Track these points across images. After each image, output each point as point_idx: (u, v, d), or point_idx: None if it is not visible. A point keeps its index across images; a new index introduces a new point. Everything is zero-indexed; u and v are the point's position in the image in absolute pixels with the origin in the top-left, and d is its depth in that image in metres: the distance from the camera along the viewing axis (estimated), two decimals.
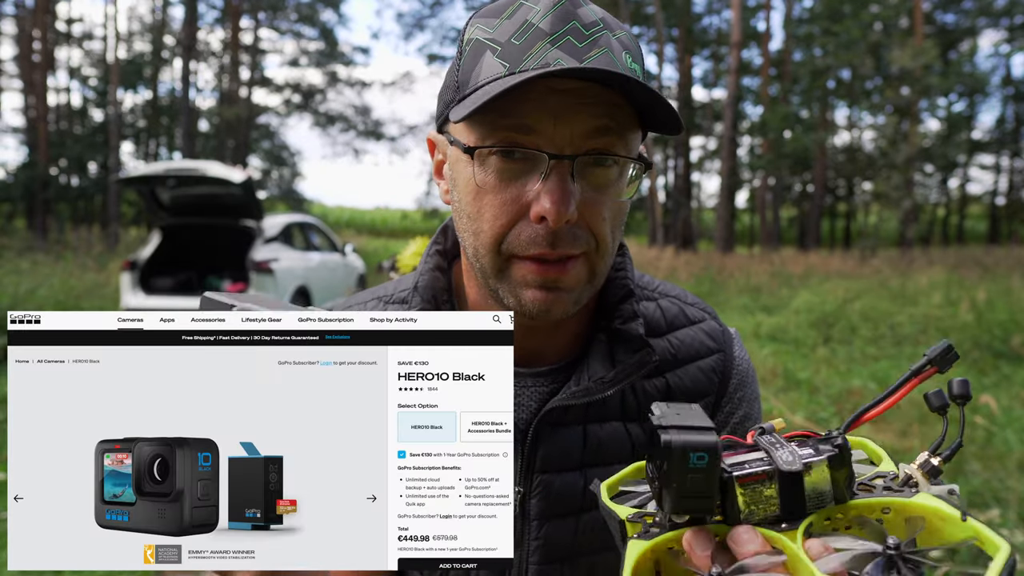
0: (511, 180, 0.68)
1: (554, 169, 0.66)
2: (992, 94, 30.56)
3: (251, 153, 29.69)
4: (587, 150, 0.67)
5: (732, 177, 21.86)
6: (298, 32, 31.66)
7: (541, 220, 0.67)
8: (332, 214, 42.97)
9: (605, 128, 0.67)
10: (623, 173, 0.71)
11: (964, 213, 35.88)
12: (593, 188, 0.69)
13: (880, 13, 22.16)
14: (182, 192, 7.55)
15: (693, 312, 0.87)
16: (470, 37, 0.70)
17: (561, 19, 0.66)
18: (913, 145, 19.18)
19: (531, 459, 0.79)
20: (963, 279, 10.33)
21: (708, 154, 34.74)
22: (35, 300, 7.70)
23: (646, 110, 0.69)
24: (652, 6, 27.17)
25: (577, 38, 0.66)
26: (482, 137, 0.68)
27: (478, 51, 0.68)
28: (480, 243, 0.72)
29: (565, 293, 0.71)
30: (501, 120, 0.67)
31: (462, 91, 0.69)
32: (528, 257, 0.69)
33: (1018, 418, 4.69)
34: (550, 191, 0.66)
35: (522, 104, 0.66)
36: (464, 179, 0.71)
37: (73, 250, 15.03)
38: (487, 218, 0.70)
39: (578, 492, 0.79)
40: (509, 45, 0.66)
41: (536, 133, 0.66)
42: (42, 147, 22.55)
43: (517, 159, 0.68)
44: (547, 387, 0.82)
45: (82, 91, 30.45)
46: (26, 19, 24.24)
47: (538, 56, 0.65)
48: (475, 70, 0.68)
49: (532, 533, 0.80)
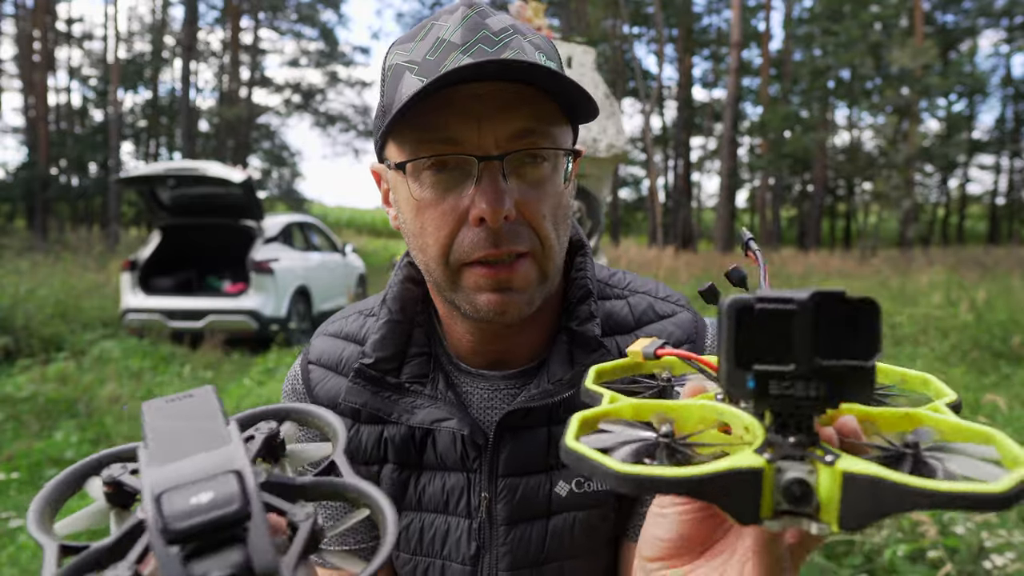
0: (447, 191, 0.70)
1: (485, 171, 0.68)
2: (992, 94, 30.58)
3: (251, 153, 29.68)
4: (515, 149, 0.69)
5: (732, 177, 21.86)
6: (298, 32, 31.69)
7: (480, 222, 0.69)
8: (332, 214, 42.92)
9: (529, 129, 0.69)
10: (556, 167, 0.73)
11: (964, 213, 35.86)
12: (528, 185, 0.71)
13: (880, 13, 22.16)
14: (182, 192, 7.54)
15: (662, 307, 0.86)
16: (390, 64, 0.73)
17: (471, 30, 0.68)
18: (913, 145, 19.19)
19: (495, 463, 0.80)
20: (963, 279, 10.33)
21: (708, 154, 34.75)
22: (35, 300, 7.71)
23: (567, 101, 0.71)
24: (652, 6, 27.18)
25: (488, 44, 0.68)
26: (412, 153, 0.70)
27: (398, 73, 0.71)
28: (429, 257, 0.73)
29: (517, 294, 0.72)
30: (426, 134, 0.69)
31: (388, 114, 0.71)
32: (475, 262, 0.71)
33: (1018, 418, 4.69)
34: (484, 192, 0.68)
35: (445, 115, 0.68)
36: (404, 198, 0.73)
37: (73, 250, 15.03)
38: (430, 231, 0.72)
39: (545, 495, 0.79)
40: (425, 62, 0.68)
41: (462, 141, 0.68)
42: (42, 147, 22.56)
43: (449, 170, 0.70)
44: (516, 389, 0.82)
45: (82, 91, 30.48)
46: (26, 19, 24.24)
47: (451, 66, 0.66)
48: (397, 91, 0.70)
49: (500, 538, 0.80)
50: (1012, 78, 30.69)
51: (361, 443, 0.83)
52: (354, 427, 0.84)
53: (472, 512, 0.81)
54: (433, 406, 0.80)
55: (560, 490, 0.79)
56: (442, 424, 0.78)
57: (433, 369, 0.83)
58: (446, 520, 0.82)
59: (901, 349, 7.30)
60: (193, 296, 7.65)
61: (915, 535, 2.75)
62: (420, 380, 0.82)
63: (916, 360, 6.71)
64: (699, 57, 33.72)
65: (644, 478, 0.32)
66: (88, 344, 7.04)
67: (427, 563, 0.83)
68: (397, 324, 0.83)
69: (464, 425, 0.78)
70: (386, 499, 0.33)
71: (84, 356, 6.65)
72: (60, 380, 5.69)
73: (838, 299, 0.32)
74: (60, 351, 6.80)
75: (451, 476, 0.81)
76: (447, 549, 0.82)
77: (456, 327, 0.82)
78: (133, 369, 6.34)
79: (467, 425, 0.78)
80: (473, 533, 0.81)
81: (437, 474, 0.82)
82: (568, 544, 0.80)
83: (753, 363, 0.34)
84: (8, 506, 3.65)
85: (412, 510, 0.83)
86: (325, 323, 0.93)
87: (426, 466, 0.82)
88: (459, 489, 0.81)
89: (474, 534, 0.81)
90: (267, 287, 7.38)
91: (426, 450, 0.82)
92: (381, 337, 0.82)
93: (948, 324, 7.48)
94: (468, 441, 0.79)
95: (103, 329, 7.73)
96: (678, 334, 0.83)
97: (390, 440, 0.82)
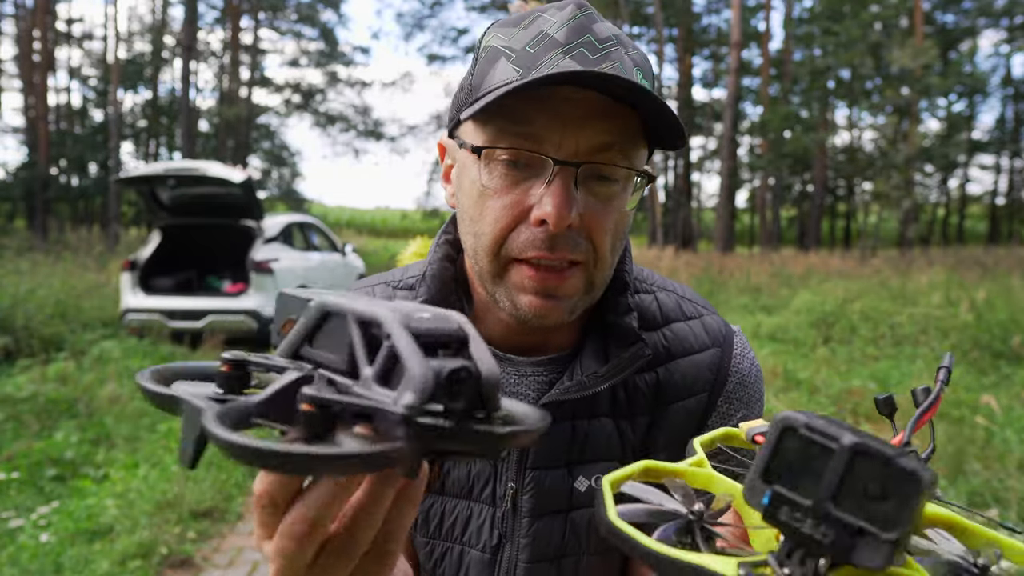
0: (515, 185, 0.69)
1: (558, 175, 0.67)
2: (992, 94, 30.59)
3: (251, 153, 29.68)
4: (593, 160, 0.68)
5: (732, 177, 21.85)
6: (298, 32, 31.68)
7: (542, 224, 0.68)
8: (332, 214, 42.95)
9: (610, 144, 0.69)
10: (626, 187, 0.72)
11: (964, 213, 35.86)
12: (596, 199, 0.70)
13: (880, 13, 22.16)
14: (182, 192, 7.54)
15: (690, 307, 0.86)
16: (487, 44, 0.72)
17: (576, 32, 0.68)
18: (913, 145, 19.18)
19: (524, 454, 0.79)
20: (963, 279, 10.32)
21: (708, 154, 34.73)
22: (35, 300, 7.70)
23: (653, 125, 0.70)
24: (652, 6, 27.16)
25: (590, 50, 0.67)
26: (492, 140, 0.69)
27: (493, 57, 0.70)
28: (480, 245, 0.72)
29: (561, 301, 0.72)
30: (511, 126, 0.68)
31: (475, 94, 0.70)
32: (526, 261, 0.70)
33: (1018, 418, 4.68)
34: (553, 194, 0.67)
35: (533, 110, 0.67)
36: (469, 181, 0.72)
37: (73, 250, 15.02)
38: (488, 220, 0.71)
39: (566, 490, 0.79)
40: (523, 52, 0.68)
41: (544, 141, 0.68)
42: (42, 147, 22.55)
43: (523, 166, 0.69)
44: (545, 376, 0.82)
45: (82, 91, 30.47)
46: (26, 19, 24.23)
47: (550, 64, 0.66)
48: (489, 75, 0.69)
49: (522, 530, 0.80)
50: (1012, 78, 30.70)
51: None
52: None
53: (497, 501, 0.80)
54: None
55: (580, 485, 0.79)
56: None
57: None
58: (469, 506, 0.81)
59: (901, 349, 7.30)
60: (193, 296, 7.64)
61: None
62: None
63: (916, 360, 6.71)
64: (699, 57, 33.71)
65: (689, 566, 0.31)
66: (88, 344, 7.03)
67: (445, 547, 0.83)
68: (434, 304, 0.82)
69: None
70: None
71: (84, 356, 6.64)
72: (60, 380, 5.69)
73: (881, 459, 0.30)
74: (60, 351, 6.79)
75: (477, 462, 0.81)
76: (468, 535, 0.82)
77: (490, 314, 0.81)
78: (133, 369, 6.33)
79: None
80: (496, 522, 0.80)
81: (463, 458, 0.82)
82: (585, 540, 0.80)
83: (775, 482, 0.32)
84: (8, 506, 3.65)
85: (435, 493, 0.83)
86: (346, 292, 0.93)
87: None
88: (485, 476, 0.81)
89: (497, 523, 0.80)
90: (267, 287, 7.38)
91: None
92: None
93: (948, 324, 7.48)
94: None
95: (103, 329, 7.72)
96: (705, 338, 0.83)
97: None
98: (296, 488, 0.40)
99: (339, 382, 0.36)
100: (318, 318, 0.40)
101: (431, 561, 0.84)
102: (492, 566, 0.81)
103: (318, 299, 0.40)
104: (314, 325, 0.40)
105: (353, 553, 0.41)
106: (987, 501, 3.42)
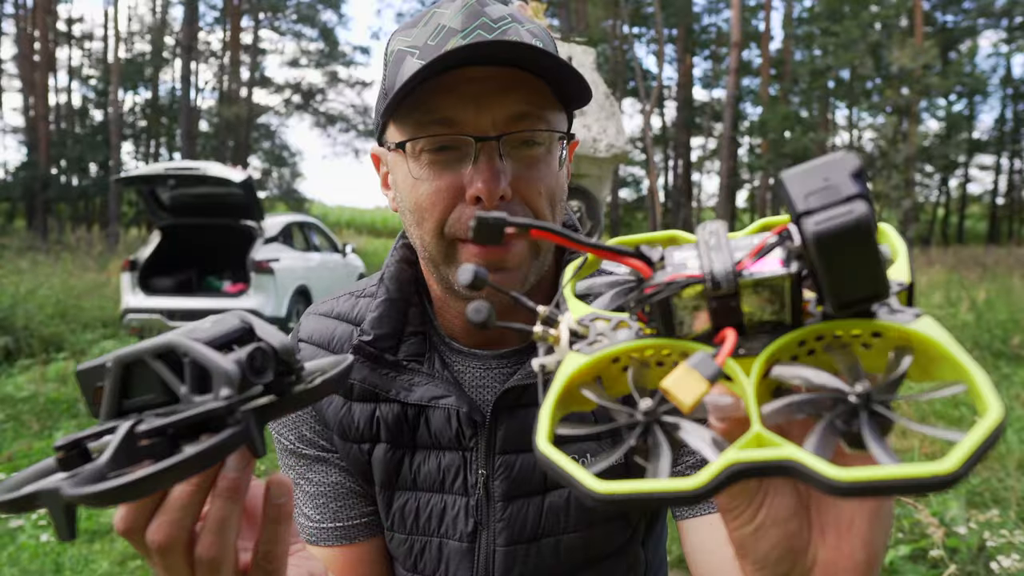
0: (445, 168, 0.72)
1: (482, 151, 0.70)
2: (992, 94, 30.55)
3: (251, 153, 29.67)
4: (512, 131, 0.71)
5: (732, 177, 21.85)
6: (298, 32, 31.67)
7: (477, 201, 0.71)
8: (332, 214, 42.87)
9: (525, 112, 0.72)
10: (551, 150, 0.75)
11: (964, 213, 35.84)
12: (524, 166, 0.73)
13: (880, 13, 22.17)
14: (182, 192, 7.54)
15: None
16: (392, 48, 0.75)
17: (470, 17, 0.71)
18: (913, 145, 19.19)
19: (492, 441, 0.81)
20: (963, 279, 10.32)
21: (708, 154, 34.72)
22: (35, 300, 7.70)
23: (560, 87, 0.73)
24: (652, 6, 27.16)
25: (486, 31, 0.71)
26: (412, 134, 0.72)
27: (400, 58, 0.73)
28: (424, 231, 0.75)
29: (511, 272, 0.74)
30: (426, 116, 0.71)
31: (389, 96, 0.73)
32: (470, 240, 0.71)
33: (1018, 418, 4.68)
34: (480, 171, 0.70)
35: (444, 97, 0.70)
36: (402, 177, 0.76)
37: (73, 250, 15.02)
38: (426, 206, 0.73)
39: (540, 472, 0.80)
40: (425, 46, 0.71)
41: (459, 122, 0.71)
42: (42, 147, 22.55)
43: (448, 150, 0.72)
44: (509, 368, 0.83)
45: (82, 91, 30.46)
46: (26, 19, 24.23)
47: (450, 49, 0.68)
48: (398, 74, 0.72)
49: (497, 514, 0.81)
50: (1012, 78, 30.65)
51: (354, 420, 0.84)
52: (346, 405, 0.85)
53: (469, 489, 0.82)
54: (431, 384, 0.81)
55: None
56: (440, 401, 0.80)
57: (428, 348, 0.84)
58: (442, 498, 0.83)
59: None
60: (193, 296, 7.64)
61: (916, 535, 2.75)
62: (417, 358, 0.83)
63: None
64: (699, 57, 33.72)
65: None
66: (88, 344, 7.03)
67: (424, 541, 0.84)
68: (394, 303, 0.84)
69: (462, 403, 0.79)
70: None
71: (84, 356, 6.64)
72: (60, 380, 5.68)
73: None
74: (60, 351, 6.79)
75: (446, 455, 0.82)
76: (444, 527, 0.83)
77: (449, 307, 0.83)
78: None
79: (465, 403, 0.79)
80: (471, 510, 0.82)
81: (431, 453, 0.83)
82: (564, 520, 0.81)
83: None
84: None
85: (407, 489, 0.84)
86: (314, 304, 0.95)
87: (420, 445, 0.83)
88: (455, 467, 0.82)
89: (472, 511, 0.82)
90: (267, 287, 7.38)
91: (419, 429, 0.83)
92: (379, 315, 0.83)
93: (948, 324, 7.48)
94: (465, 419, 0.80)
95: (103, 329, 7.72)
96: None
97: (383, 419, 0.83)
98: (152, 510, 0.45)
99: (167, 411, 0.40)
100: (121, 371, 0.43)
101: (411, 557, 0.85)
102: (471, 554, 0.82)
103: (111, 355, 0.43)
104: (120, 379, 0.43)
105: (225, 557, 0.46)
106: (987, 501, 3.42)
